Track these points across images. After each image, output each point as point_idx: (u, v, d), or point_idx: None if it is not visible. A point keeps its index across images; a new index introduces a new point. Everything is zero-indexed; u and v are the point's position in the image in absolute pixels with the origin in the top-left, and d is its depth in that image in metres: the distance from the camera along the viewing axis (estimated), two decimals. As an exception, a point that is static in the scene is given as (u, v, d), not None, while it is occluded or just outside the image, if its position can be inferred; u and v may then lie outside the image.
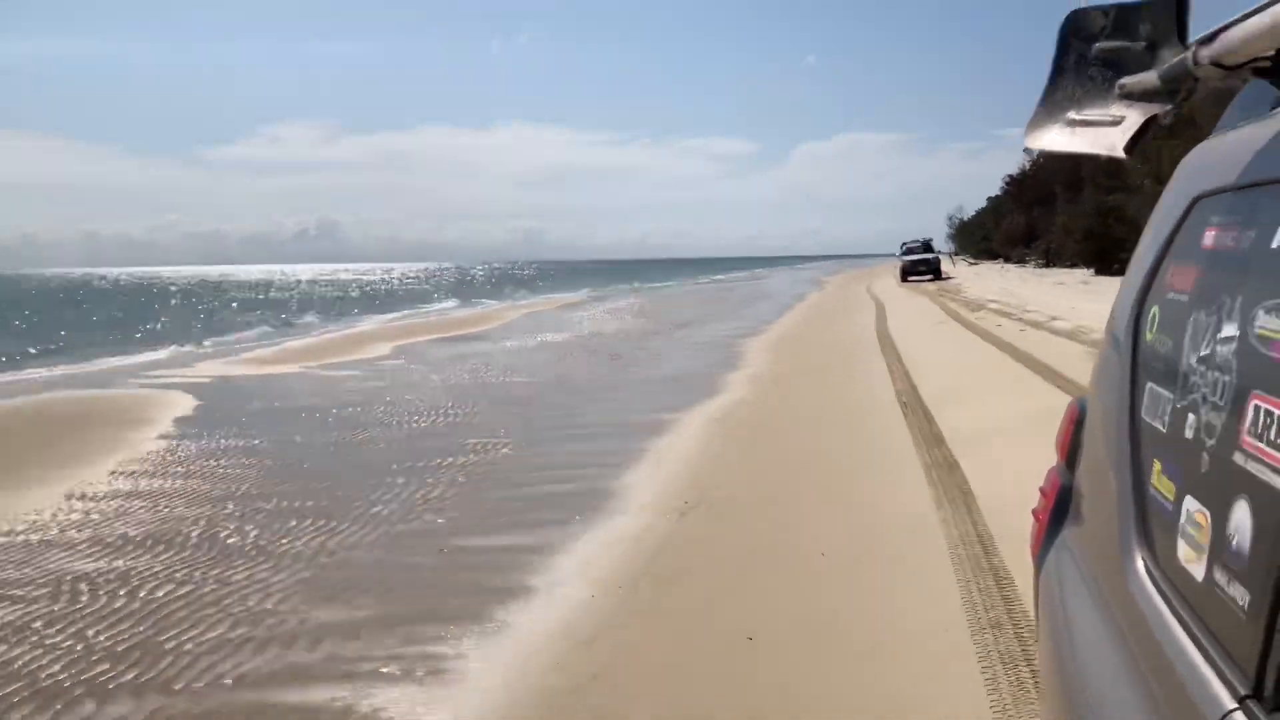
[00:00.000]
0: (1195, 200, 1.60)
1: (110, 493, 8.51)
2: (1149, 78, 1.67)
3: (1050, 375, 11.09)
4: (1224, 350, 1.30)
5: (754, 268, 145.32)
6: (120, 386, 16.69)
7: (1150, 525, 1.49)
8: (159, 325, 39.35)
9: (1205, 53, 1.42)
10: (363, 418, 12.15)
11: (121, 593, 5.89)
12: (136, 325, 38.78)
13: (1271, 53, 1.33)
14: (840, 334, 22.02)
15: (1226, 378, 1.27)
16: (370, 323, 37.15)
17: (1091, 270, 42.27)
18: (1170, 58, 1.63)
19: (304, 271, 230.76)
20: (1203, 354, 1.37)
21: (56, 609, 5.67)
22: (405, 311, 45.53)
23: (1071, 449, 2.07)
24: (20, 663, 4.93)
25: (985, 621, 4.57)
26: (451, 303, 54.39)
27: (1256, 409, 1.16)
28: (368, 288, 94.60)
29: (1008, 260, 67.86)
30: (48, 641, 5.20)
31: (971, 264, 69.51)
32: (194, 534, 7.10)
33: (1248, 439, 1.16)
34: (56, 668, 4.84)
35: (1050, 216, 56.66)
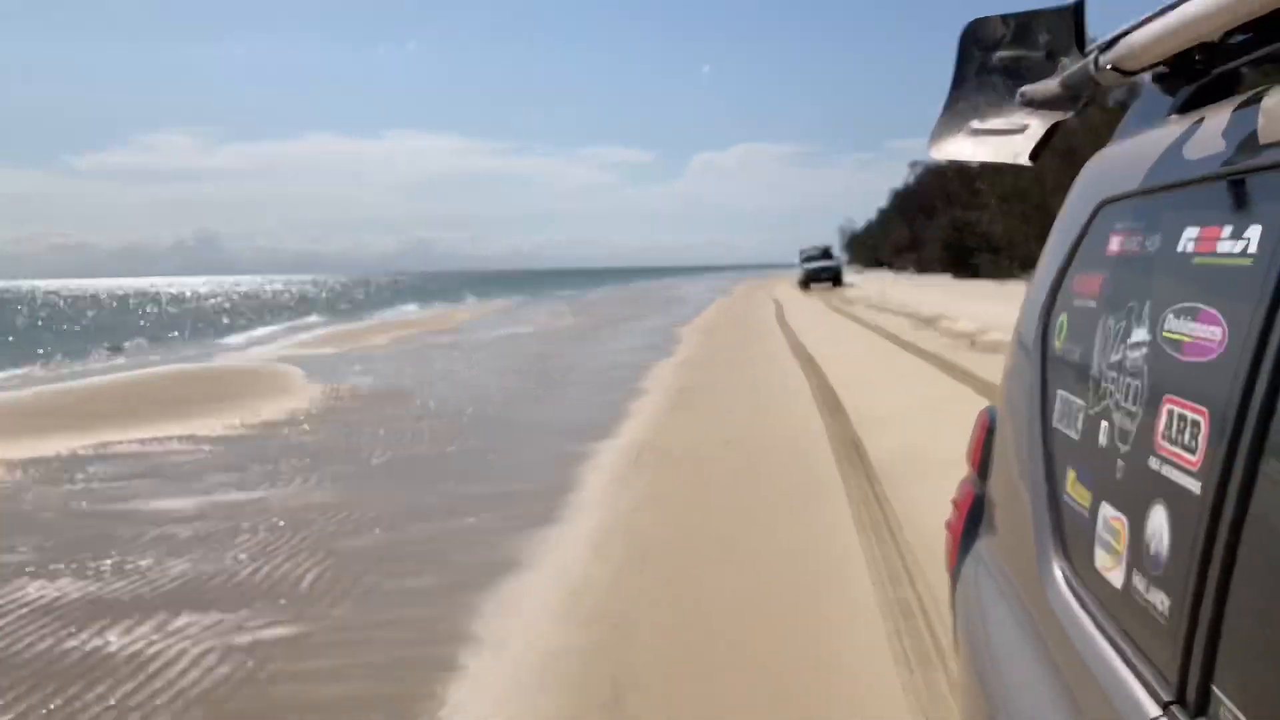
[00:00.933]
0: (1100, 206, 1.61)
1: (318, 405, 12.77)
2: (1050, 85, 1.68)
3: (883, 334, 20.39)
4: (1135, 355, 1.30)
5: (656, 278, 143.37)
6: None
7: (1066, 534, 1.48)
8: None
9: (1106, 58, 1.44)
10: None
11: (381, 429, 10.64)
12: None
13: (1169, 58, 1.34)
14: (751, 321, 29.40)
15: (1138, 383, 1.27)
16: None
17: (950, 275, 51.61)
18: (1070, 65, 1.64)
19: (168, 285, 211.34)
20: (1113, 360, 1.37)
21: (358, 431, 10.57)
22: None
23: (983, 458, 2.06)
24: (357, 443, 9.80)
25: (823, 406, 10.71)
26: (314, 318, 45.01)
27: (1170, 413, 1.15)
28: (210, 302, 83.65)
29: (892, 268, 74.25)
30: (365, 438, 10.06)
31: (859, 272, 77.04)
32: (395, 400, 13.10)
33: (1162, 443, 1.16)
34: (376, 447, 9.58)
35: (931, 227, 62.73)
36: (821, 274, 50.20)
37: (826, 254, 54.05)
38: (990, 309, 20.33)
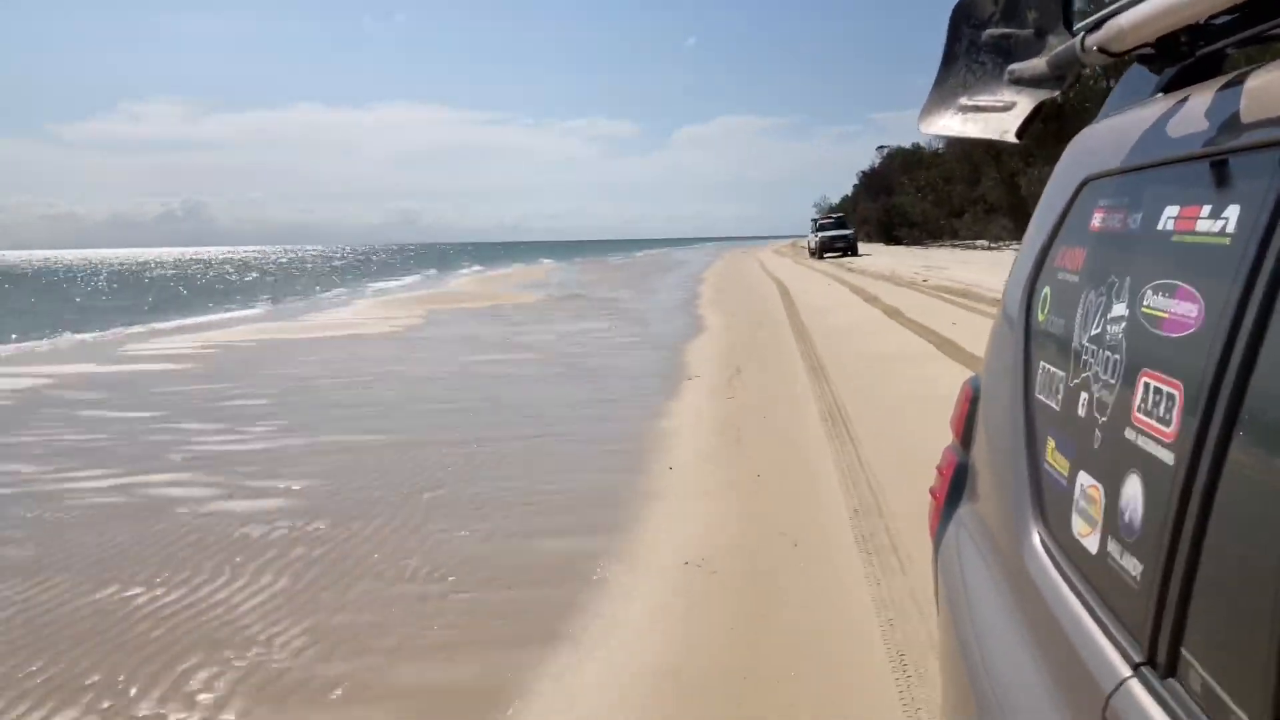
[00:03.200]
0: (1084, 183, 1.63)
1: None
2: (1038, 64, 1.70)
3: (823, 273, 35.04)
4: (1114, 329, 1.33)
5: (642, 249, 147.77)
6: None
7: (1045, 500, 1.52)
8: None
9: (1092, 39, 1.46)
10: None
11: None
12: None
13: (1154, 40, 1.36)
14: (742, 268, 47.88)
15: (1117, 356, 1.30)
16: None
17: (881, 243, 68.76)
18: (1058, 44, 1.66)
19: (165, 255, 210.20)
20: (1094, 333, 1.40)
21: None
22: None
23: (966, 428, 2.11)
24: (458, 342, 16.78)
25: (783, 295, 25.68)
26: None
27: (1146, 386, 1.19)
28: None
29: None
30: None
31: None
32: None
33: (1139, 415, 1.20)
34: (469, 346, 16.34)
35: (874, 208, 77.12)
36: (836, 243, 48.20)
37: (841, 223, 52.14)
38: (886, 260, 37.82)
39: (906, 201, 65.44)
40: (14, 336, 21.31)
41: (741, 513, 5.81)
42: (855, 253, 48.69)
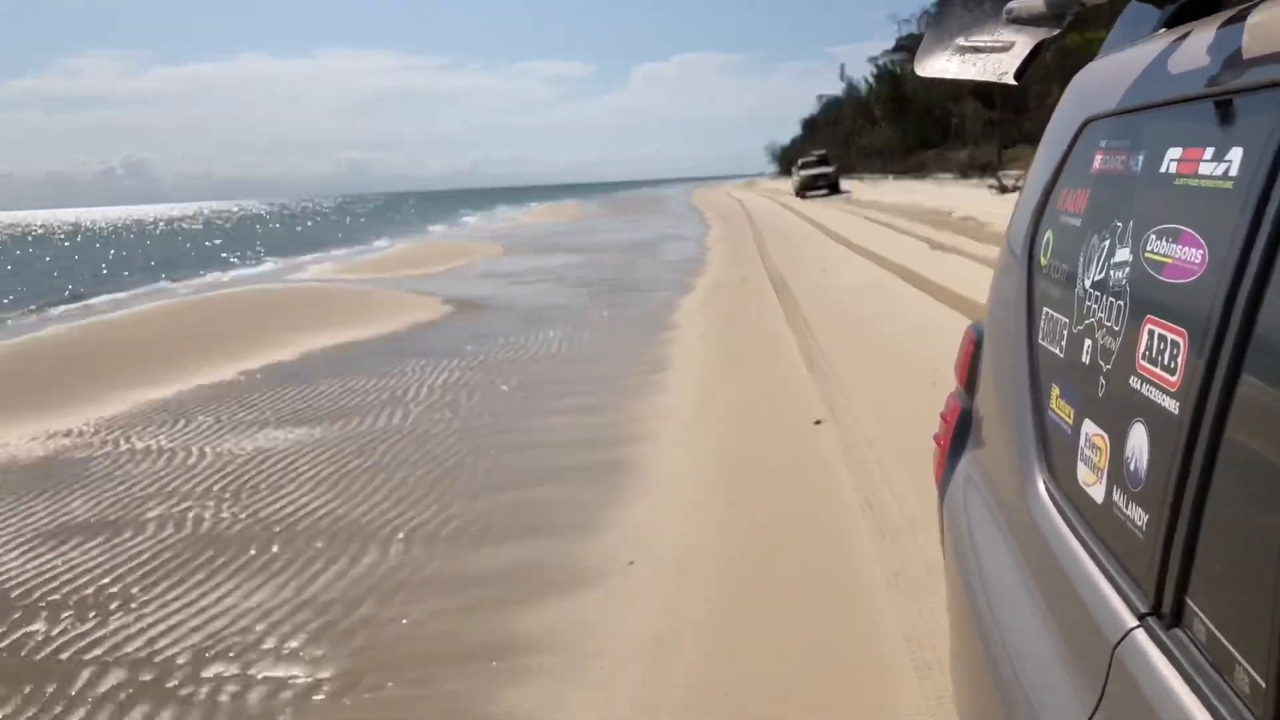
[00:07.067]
0: (1086, 123, 1.60)
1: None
2: (1036, 2, 1.65)
3: (765, 193, 62.19)
4: (1118, 275, 1.31)
5: (607, 192, 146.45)
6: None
7: (1050, 448, 1.51)
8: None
9: None
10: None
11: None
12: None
13: None
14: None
15: (1121, 302, 1.28)
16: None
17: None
18: None
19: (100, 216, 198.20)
20: (1097, 279, 1.38)
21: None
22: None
23: (970, 374, 2.09)
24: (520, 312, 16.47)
25: (742, 210, 43.90)
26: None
27: (1151, 333, 1.17)
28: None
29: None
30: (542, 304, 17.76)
31: (773, 179, 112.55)
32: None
33: (1143, 363, 1.18)
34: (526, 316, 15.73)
35: (832, 143, 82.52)
36: (818, 180, 47.49)
37: (824, 160, 51.17)
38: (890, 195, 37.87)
39: (870, 129, 73.64)
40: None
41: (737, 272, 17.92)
42: (838, 190, 47.44)
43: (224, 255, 38.79)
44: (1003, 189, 28.88)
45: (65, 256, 46.25)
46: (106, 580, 4.78)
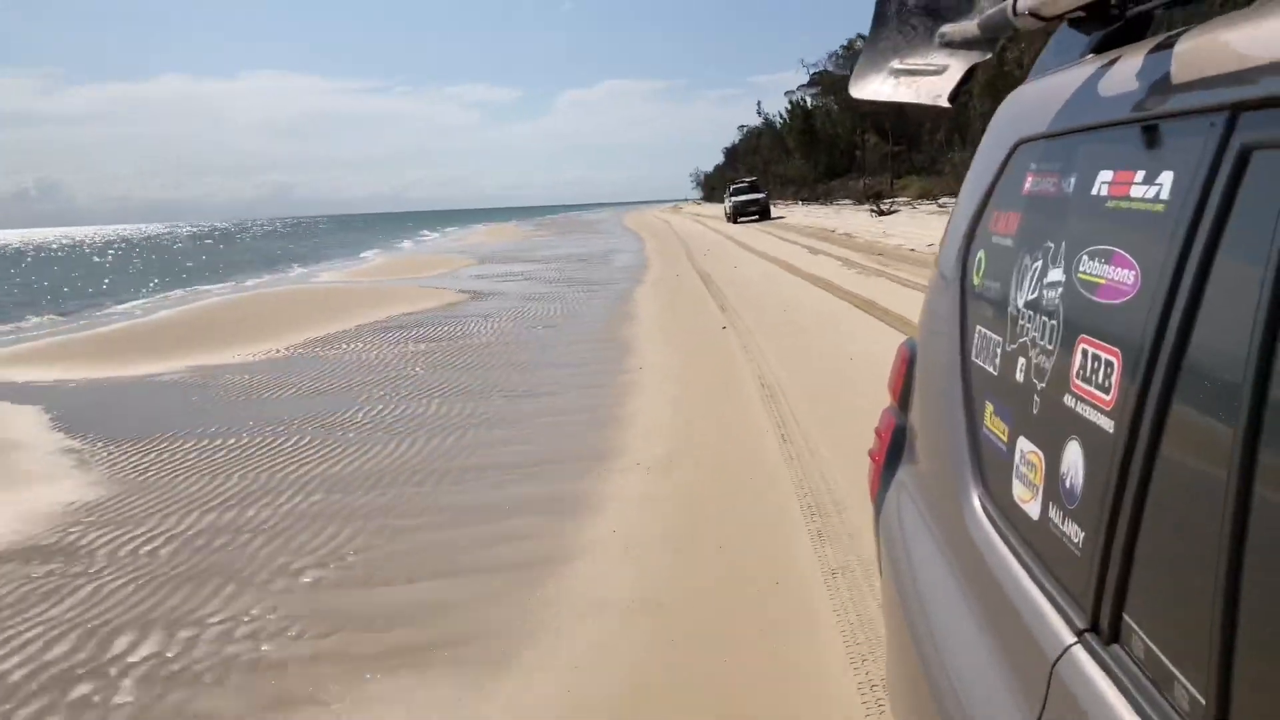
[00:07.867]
0: (1016, 145, 1.61)
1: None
2: (969, 26, 1.67)
3: (695, 218, 65.71)
4: (1051, 295, 1.32)
5: (537, 215, 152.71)
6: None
7: (985, 466, 1.51)
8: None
9: (1024, 3, 1.43)
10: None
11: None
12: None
13: (1086, 3, 1.34)
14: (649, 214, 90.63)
15: (1054, 322, 1.29)
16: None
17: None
18: (989, 6, 1.64)
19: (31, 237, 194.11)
20: (1030, 298, 1.39)
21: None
22: None
23: (904, 389, 2.09)
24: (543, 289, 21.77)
25: (671, 232, 46.96)
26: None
27: (1085, 353, 1.18)
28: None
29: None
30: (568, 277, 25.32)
31: (698, 204, 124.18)
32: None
33: (1078, 382, 1.19)
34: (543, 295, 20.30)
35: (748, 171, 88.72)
36: (749, 206, 47.27)
37: (754, 187, 50.95)
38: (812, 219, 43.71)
39: (784, 158, 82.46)
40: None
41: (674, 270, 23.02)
42: (768, 216, 47.54)
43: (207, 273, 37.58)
44: (880, 212, 37.95)
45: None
46: (341, 404, 8.87)
